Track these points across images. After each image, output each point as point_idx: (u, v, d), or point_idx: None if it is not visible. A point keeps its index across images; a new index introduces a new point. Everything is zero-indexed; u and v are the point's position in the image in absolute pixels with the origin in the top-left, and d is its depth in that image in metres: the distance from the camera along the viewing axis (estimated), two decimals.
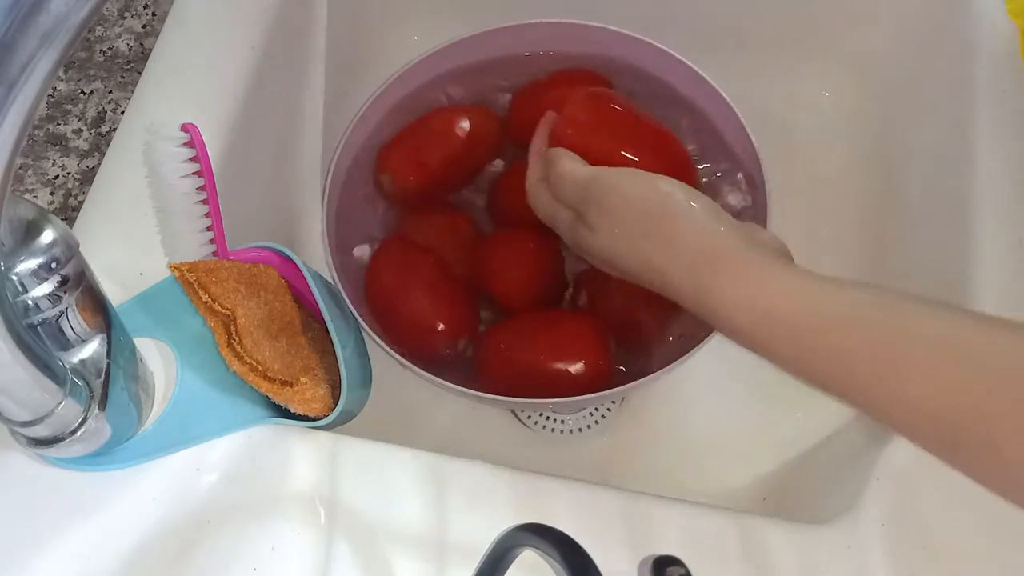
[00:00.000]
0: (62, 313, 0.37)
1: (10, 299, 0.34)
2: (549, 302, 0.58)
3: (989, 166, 0.53)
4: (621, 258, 0.45)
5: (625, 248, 0.45)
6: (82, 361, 0.40)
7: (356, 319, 0.53)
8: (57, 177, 0.57)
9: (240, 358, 0.45)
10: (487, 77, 0.63)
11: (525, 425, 0.63)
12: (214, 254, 0.49)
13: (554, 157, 0.49)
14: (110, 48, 0.62)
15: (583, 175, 0.47)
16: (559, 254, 0.58)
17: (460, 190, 0.62)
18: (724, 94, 0.58)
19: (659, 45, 0.60)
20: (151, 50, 0.55)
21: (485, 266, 0.57)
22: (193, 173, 0.46)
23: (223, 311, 0.46)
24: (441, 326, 0.55)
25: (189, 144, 0.46)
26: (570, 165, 0.48)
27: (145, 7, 0.63)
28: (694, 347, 0.52)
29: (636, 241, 0.44)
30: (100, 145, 0.58)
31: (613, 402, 0.63)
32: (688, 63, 0.59)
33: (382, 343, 0.52)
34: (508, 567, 0.32)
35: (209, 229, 0.48)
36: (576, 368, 0.53)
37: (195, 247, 0.48)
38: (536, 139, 0.53)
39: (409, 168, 0.59)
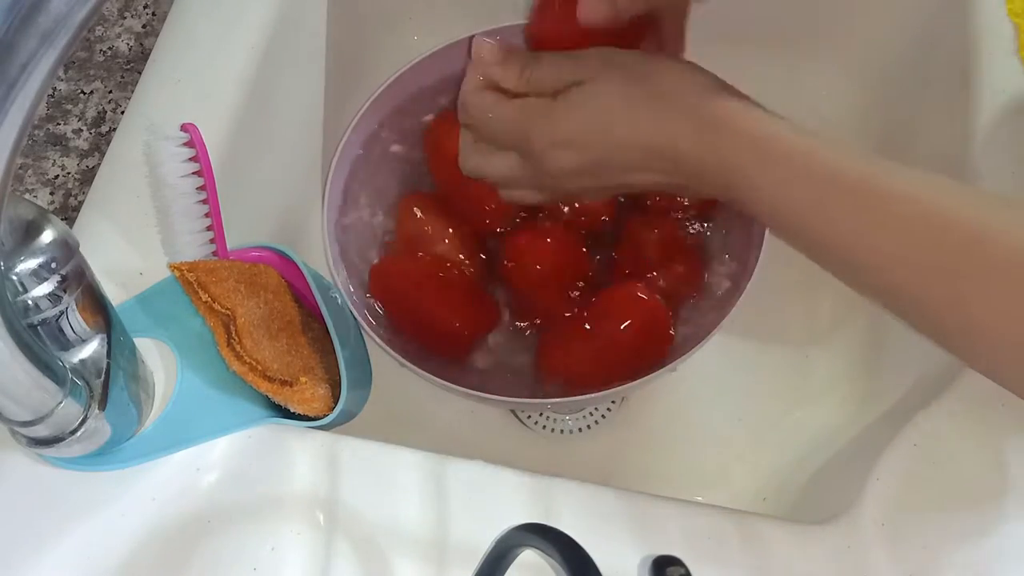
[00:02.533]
0: (62, 313, 0.37)
1: (10, 299, 0.34)
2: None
3: (989, 166, 0.53)
4: (609, 105, 0.41)
5: (620, 89, 0.41)
6: (82, 361, 0.40)
7: (356, 319, 0.53)
8: (57, 177, 0.57)
9: (240, 358, 0.45)
10: None
11: (525, 425, 0.63)
12: (214, 254, 0.49)
13: (535, 52, 0.45)
14: (110, 48, 0.62)
15: (567, 56, 0.43)
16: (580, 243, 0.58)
17: None
18: None
19: None
20: (151, 50, 0.55)
21: (505, 263, 0.57)
22: (193, 173, 0.46)
23: (223, 311, 0.46)
24: (458, 325, 0.55)
25: (189, 144, 0.46)
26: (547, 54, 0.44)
27: (145, 7, 0.63)
28: (693, 347, 0.52)
29: (634, 82, 0.41)
30: (100, 145, 0.58)
31: (613, 402, 0.63)
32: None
33: (382, 343, 0.52)
34: (508, 567, 0.32)
35: (209, 229, 0.48)
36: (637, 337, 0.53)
37: (195, 247, 0.48)
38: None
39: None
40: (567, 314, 0.56)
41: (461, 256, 0.57)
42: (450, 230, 0.58)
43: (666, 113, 0.40)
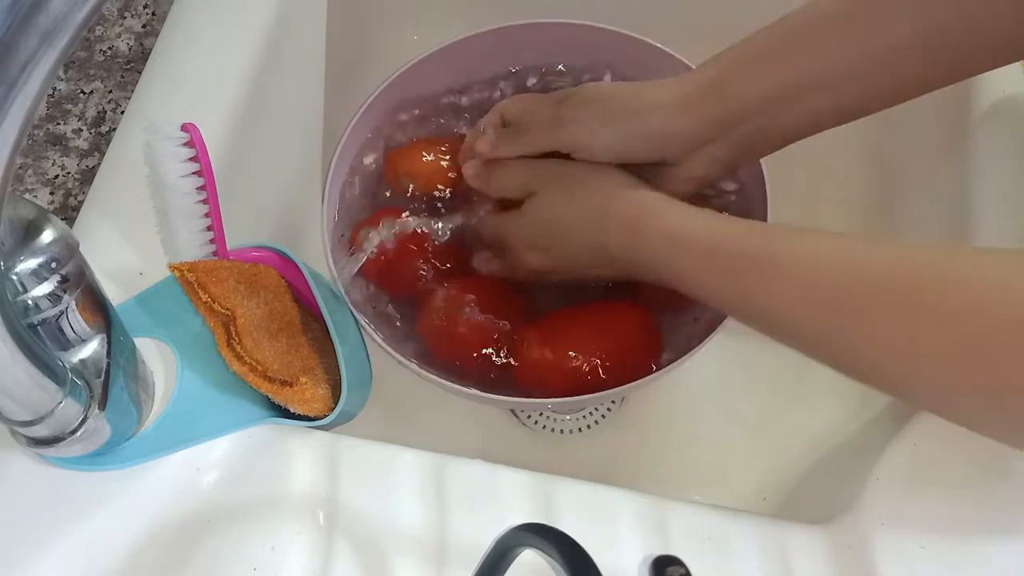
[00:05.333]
0: (62, 313, 0.37)
1: (10, 299, 0.34)
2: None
3: (989, 166, 0.53)
4: (561, 210, 0.50)
5: (565, 196, 0.50)
6: (82, 361, 0.40)
7: (356, 319, 0.53)
8: (57, 177, 0.57)
9: (240, 358, 0.45)
10: (488, 77, 0.63)
11: (525, 425, 0.63)
12: (214, 254, 0.49)
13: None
14: (110, 48, 0.62)
15: (523, 165, 0.52)
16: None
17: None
18: None
19: (660, 45, 0.60)
20: (151, 50, 0.55)
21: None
22: (193, 173, 0.46)
23: (223, 311, 0.46)
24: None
25: (189, 144, 0.46)
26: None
27: (145, 7, 0.63)
28: (694, 347, 0.52)
29: (576, 189, 0.50)
30: (100, 145, 0.58)
31: (613, 402, 0.63)
32: (689, 64, 0.59)
33: (382, 343, 0.52)
34: (508, 567, 0.32)
35: (209, 229, 0.48)
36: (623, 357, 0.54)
37: (195, 247, 0.48)
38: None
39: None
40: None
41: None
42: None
43: (599, 221, 0.49)
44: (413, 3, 0.72)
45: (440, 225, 0.57)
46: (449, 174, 0.59)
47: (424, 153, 0.60)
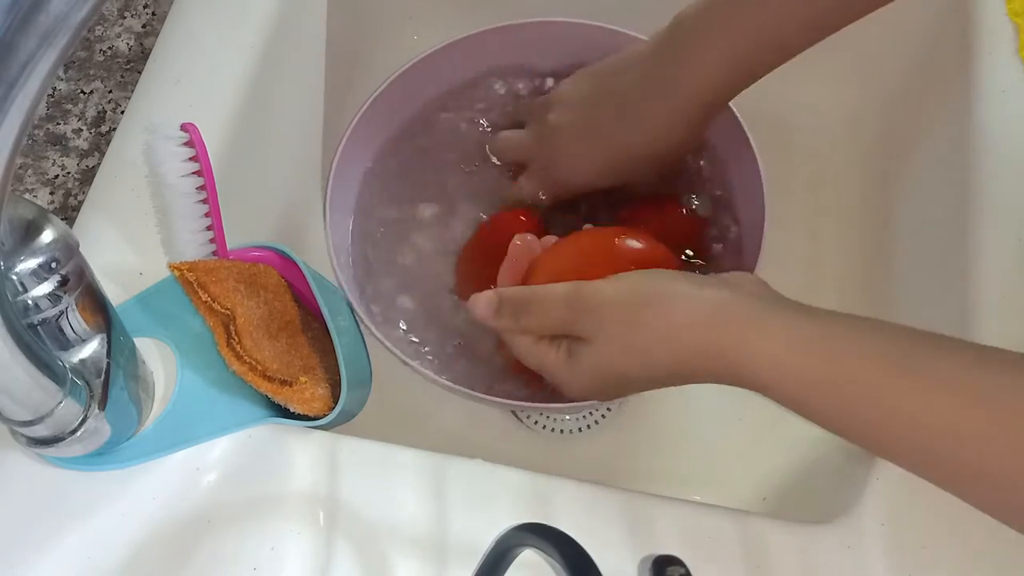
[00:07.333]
0: (62, 313, 0.37)
1: (10, 299, 0.34)
2: None
3: (989, 166, 0.53)
4: (621, 363, 0.44)
5: (622, 347, 0.44)
6: (82, 361, 0.40)
7: (356, 319, 0.53)
8: (57, 177, 0.57)
9: (240, 358, 0.45)
10: (488, 76, 0.63)
11: (525, 425, 0.63)
12: (214, 254, 0.49)
13: (526, 292, 0.47)
14: (110, 48, 0.62)
15: (562, 290, 0.45)
16: None
17: None
18: None
19: None
20: (151, 50, 0.55)
21: None
22: (193, 173, 0.46)
23: (223, 311, 0.46)
24: None
25: (189, 144, 0.46)
26: (545, 287, 0.46)
27: (145, 7, 0.63)
28: None
29: (631, 335, 0.43)
30: (100, 145, 0.58)
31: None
32: None
33: (384, 342, 0.52)
34: (508, 567, 0.32)
35: (209, 229, 0.48)
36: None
37: (195, 247, 0.48)
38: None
39: None
40: None
41: None
42: None
43: (667, 366, 0.43)
44: (413, 3, 0.72)
45: None
46: None
47: None
